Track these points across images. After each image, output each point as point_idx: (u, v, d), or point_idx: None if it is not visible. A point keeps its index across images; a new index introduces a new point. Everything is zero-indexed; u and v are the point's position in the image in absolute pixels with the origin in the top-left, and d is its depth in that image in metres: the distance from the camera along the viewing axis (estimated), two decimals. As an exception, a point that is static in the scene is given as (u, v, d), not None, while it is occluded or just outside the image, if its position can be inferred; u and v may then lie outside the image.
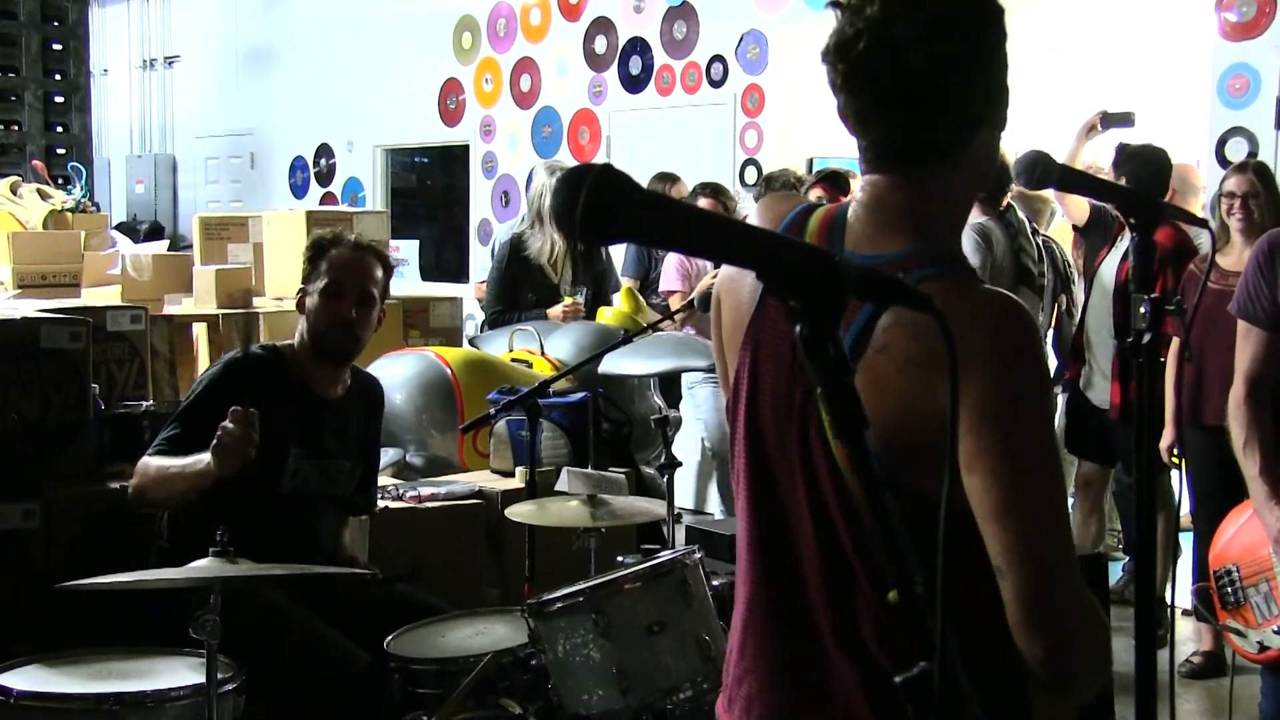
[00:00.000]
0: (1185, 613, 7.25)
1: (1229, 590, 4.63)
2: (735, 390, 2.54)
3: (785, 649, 2.52)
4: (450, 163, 15.39)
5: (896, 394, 2.27)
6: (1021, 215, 7.91)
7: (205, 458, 4.42)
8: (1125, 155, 7.76)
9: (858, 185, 9.01)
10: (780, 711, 2.53)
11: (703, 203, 9.17)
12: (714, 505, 9.70)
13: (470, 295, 11.10)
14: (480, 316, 9.10)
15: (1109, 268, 7.54)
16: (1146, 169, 7.59)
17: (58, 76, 18.08)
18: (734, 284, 2.58)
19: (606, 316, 8.36)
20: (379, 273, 5.15)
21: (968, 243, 8.42)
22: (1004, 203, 8.17)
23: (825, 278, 1.88)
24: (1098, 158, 9.71)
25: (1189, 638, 7.31)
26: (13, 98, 17.69)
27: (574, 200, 1.82)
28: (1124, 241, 7.43)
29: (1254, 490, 4.50)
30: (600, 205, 1.83)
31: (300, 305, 5.14)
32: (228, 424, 4.38)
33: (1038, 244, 7.93)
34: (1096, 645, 2.32)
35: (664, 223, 1.96)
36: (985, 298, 2.31)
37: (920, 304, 1.88)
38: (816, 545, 2.41)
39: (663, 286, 9.32)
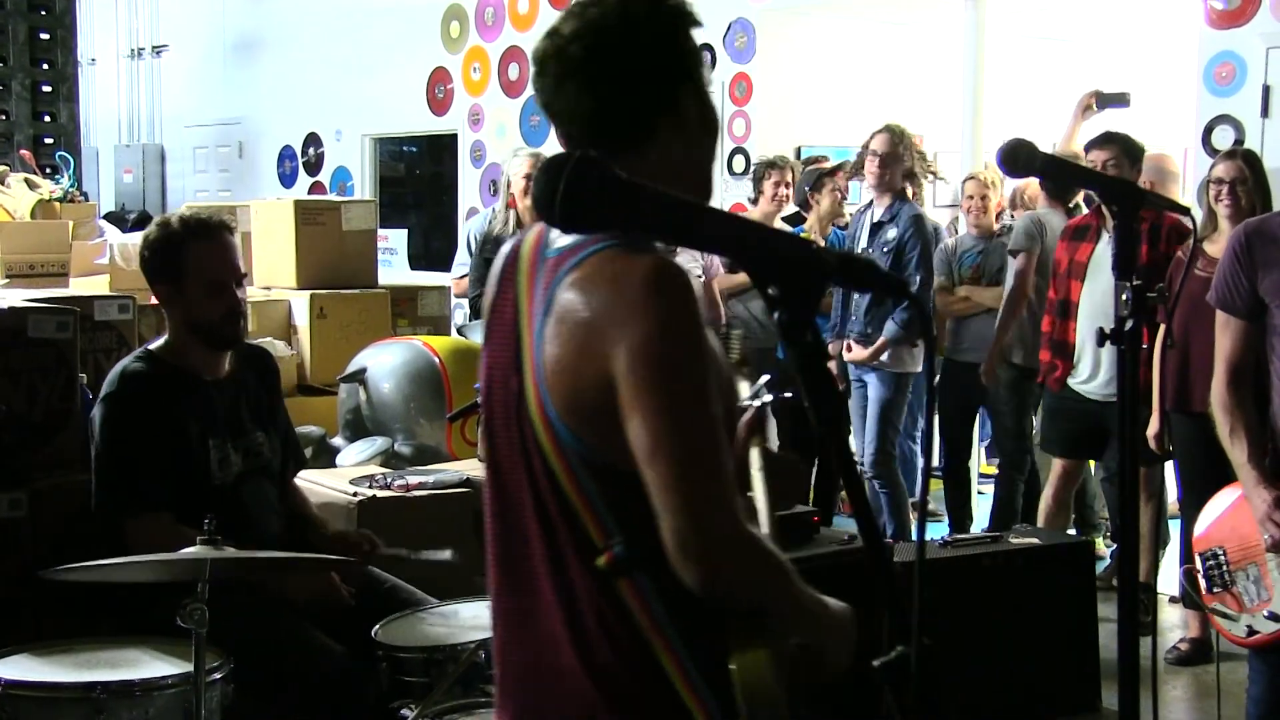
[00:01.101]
0: (1173, 600, 7.26)
1: (1215, 573, 4.63)
2: (484, 380, 2.70)
3: (519, 619, 2.66)
4: (438, 152, 15.39)
5: (569, 359, 2.43)
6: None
7: None
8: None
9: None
10: (516, 675, 2.69)
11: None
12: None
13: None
14: (467, 305, 9.10)
15: (1105, 260, 7.50)
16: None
17: (45, 65, 18.04)
18: (488, 285, 2.76)
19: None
20: (238, 243, 5.13)
21: (1020, 229, 8.44)
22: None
23: (807, 263, 1.89)
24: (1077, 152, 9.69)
25: (1176, 625, 7.30)
26: (2, 86, 17.67)
27: (553, 188, 1.83)
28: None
29: (1243, 476, 4.51)
30: (579, 193, 1.84)
31: (164, 299, 5.04)
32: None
33: None
34: (752, 571, 2.42)
35: (643, 211, 1.97)
36: (640, 262, 2.40)
37: (894, 286, 1.91)
38: (537, 520, 2.55)
39: None
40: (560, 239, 2.53)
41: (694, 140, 2.62)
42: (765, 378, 3.24)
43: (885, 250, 8.29)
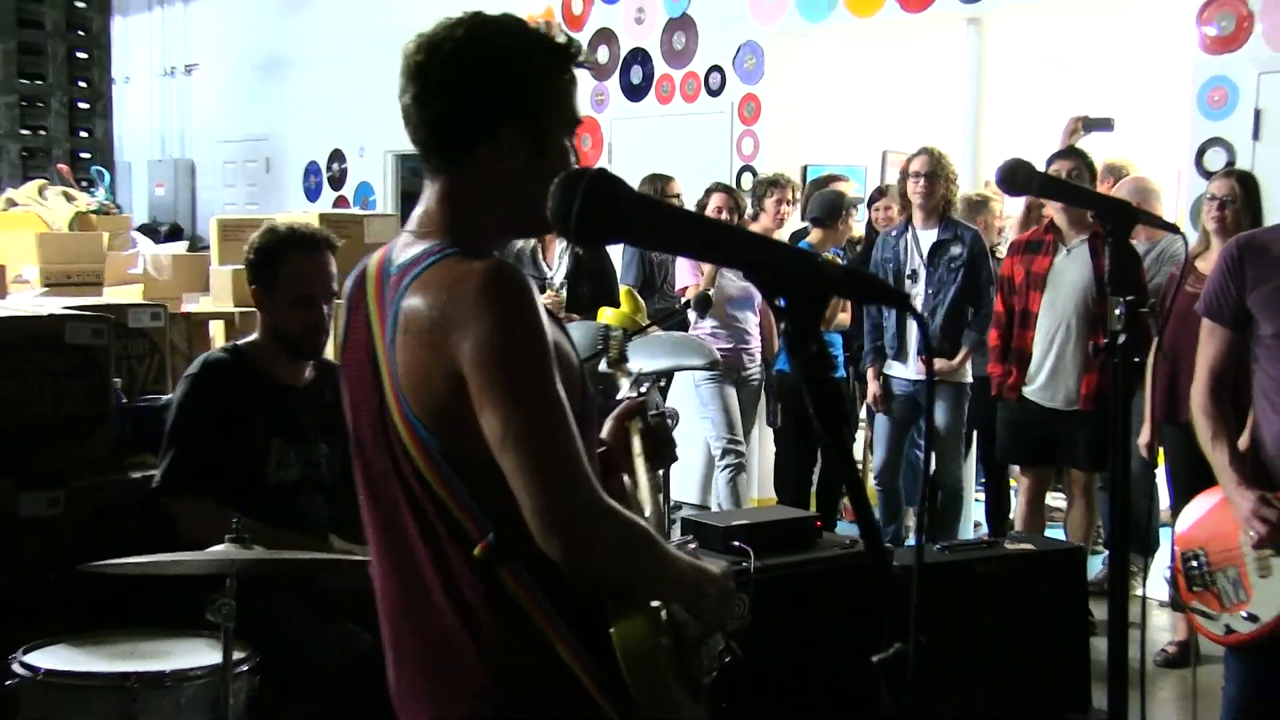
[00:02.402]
0: (1162, 604, 7.27)
1: (1196, 573, 4.64)
2: (346, 399, 2.81)
3: (406, 607, 2.72)
4: (457, 166, 15.36)
5: (420, 363, 2.50)
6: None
7: None
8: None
9: (850, 188, 9.03)
10: (409, 659, 2.74)
11: (715, 199, 9.28)
12: (714, 499, 9.67)
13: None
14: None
15: (1064, 272, 7.55)
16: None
17: (82, 84, 18.08)
18: (340, 307, 2.89)
19: (608, 316, 8.34)
20: (335, 264, 5.10)
21: None
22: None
23: (811, 276, 1.91)
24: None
25: (1166, 628, 7.31)
26: (40, 104, 17.67)
27: (570, 203, 1.86)
28: (1077, 245, 7.49)
29: (1224, 479, 4.53)
30: (595, 208, 1.87)
31: (258, 302, 5.08)
32: None
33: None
34: (615, 545, 2.50)
35: (656, 225, 2.00)
36: (476, 266, 2.50)
37: (892, 296, 1.93)
38: (414, 521, 2.61)
39: (678, 285, 9.35)
40: (400, 256, 2.64)
41: (524, 155, 2.65)
42: (640, 369, 3.34)
43: (953, 266, 8.28)
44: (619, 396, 3.29)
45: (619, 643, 2.50)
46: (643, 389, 3.30)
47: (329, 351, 5.25)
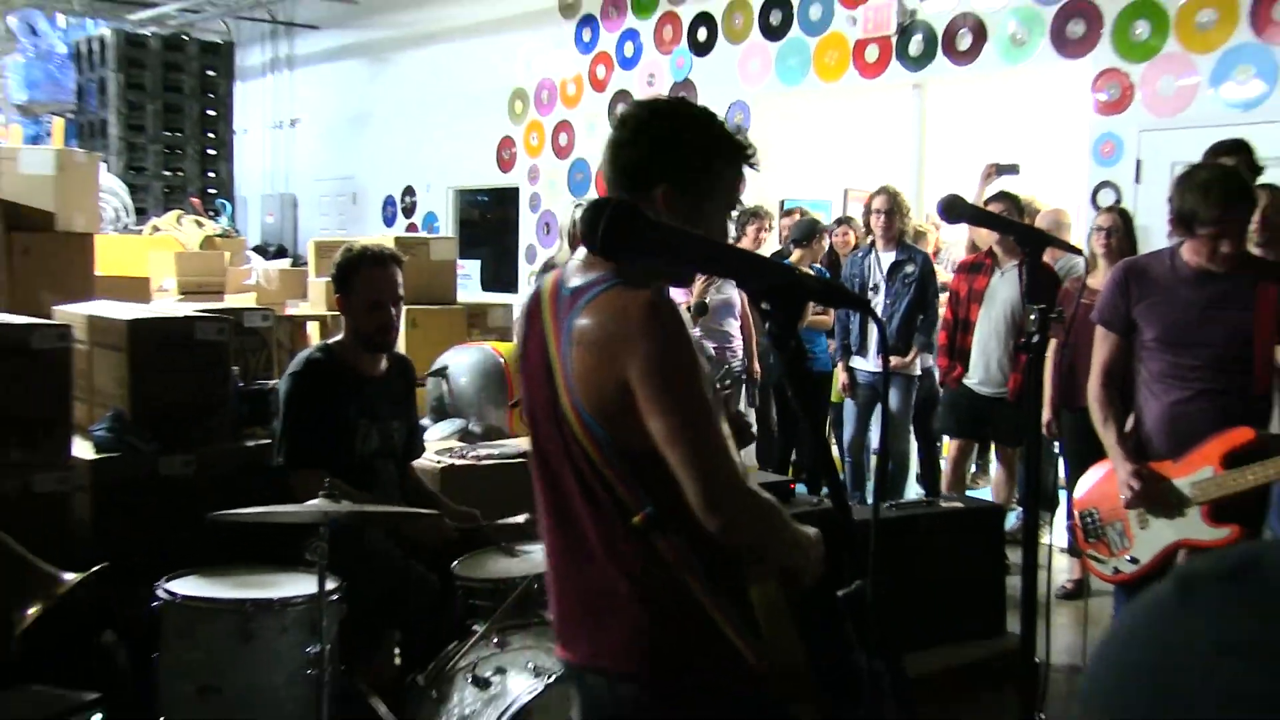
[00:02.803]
0: (1063, 550, 7.35)
1: (1091, 526, 4.68)
2: (524, 399, 2.83)
3: (576, 570, 2.73)
4: (504, 200, 15.41)
5: (592, 372, 2.50)
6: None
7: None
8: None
9: (819, 217, 8.98)
10: (578, 613, 2.76)
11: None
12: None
13: (519, 302, 11.13)
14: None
15: (998, 290, 7.65)
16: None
17: (210, 135, 18.13)
18: (517, 321, 2.93)
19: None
20: (401, 275, 5.14)
21: None
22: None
23: (792, 286, 1.91)
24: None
25: (1064, 570, 7.41)
26: (178, 151, 17.82)
27: (597, 223, 1.86)
28: (1010, 269, 7.55)
29: (1112, 454, 4.57)
30: (617, 227, 1.87)
31: (341, 307, 5.11)
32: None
33: None
34: (759, 518, 2.53)
35: (669, 243, 2.01)
36: (638, 297, 2.50)
37: (856, 302, 1.93)
38: (582, 496, 2.63)
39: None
40: (573, 280, 2.64)
41: (677, 213, 2.62)
42: (723, 372, 3.38)
43: (907, 282, 8.34)
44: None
45: (757, 600, 2.53)
46: (726, 384, 3.36)
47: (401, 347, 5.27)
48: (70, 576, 3.20)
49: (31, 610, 3.11)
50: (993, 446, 8.45)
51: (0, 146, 5.39)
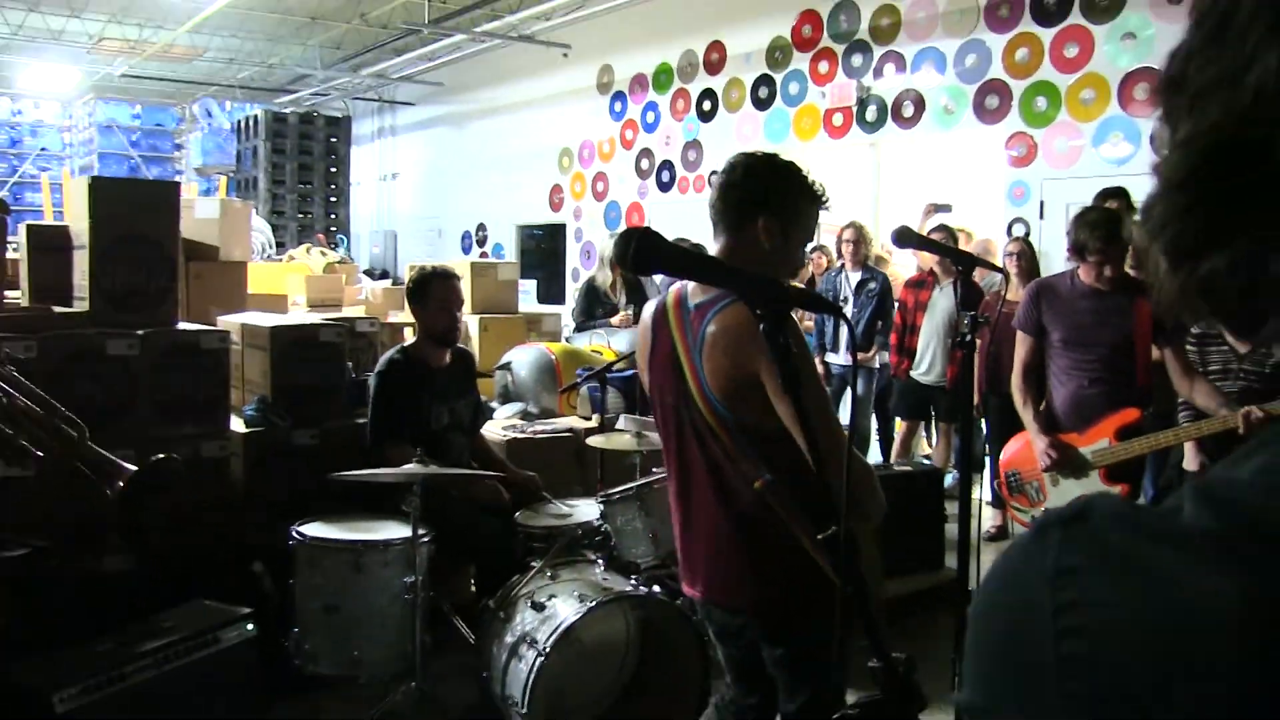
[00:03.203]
0: (988, 503, 7.30)
1: (1014, 484, 4.64)
2: (652, 385, 2.79)
3: (703, 531, 2.71)
4: (554, 234, 15.41)
5: (723, 367, 2.50)
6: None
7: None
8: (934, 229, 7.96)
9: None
10: (706, 563, 2.74)
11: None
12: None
13: (567, 313, 11.16)
14: (572, 325, 9.06)
15: (939, 301, 7.63)
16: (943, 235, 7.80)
17: (332, 186, 18.25)
18: (644, 326, 2.83)
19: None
20: (461, 287, 5.12)
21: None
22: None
23: (778, 296, 1.87)
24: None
25: (989, 518, 7.34)
26: (308, 198, 18.05)
27: (627, 246, 1.84)
28: (947, 285, 7.53)
29: (1030, 428, 4.54)
30: (643, 249, 1.85)
31: (416, 316, 5.08)
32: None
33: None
34: (863, 476, 2.50)
35: (681, 262, 1.97)
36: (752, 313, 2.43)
37: (831, 307, 1.91)
38: (705, 466, 2.63)
39: None
40: (694, 297, 2.67)
41: (773, 239, 2.63)
42: None
43: (870, 296, 8.21)
44: None
45: (864, 538, 2.49)
46: None
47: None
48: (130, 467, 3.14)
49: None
50: (934, 423, 8.39)
51: (183, 198, 5.38)
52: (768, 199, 2.63)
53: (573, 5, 13.88)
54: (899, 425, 8.28)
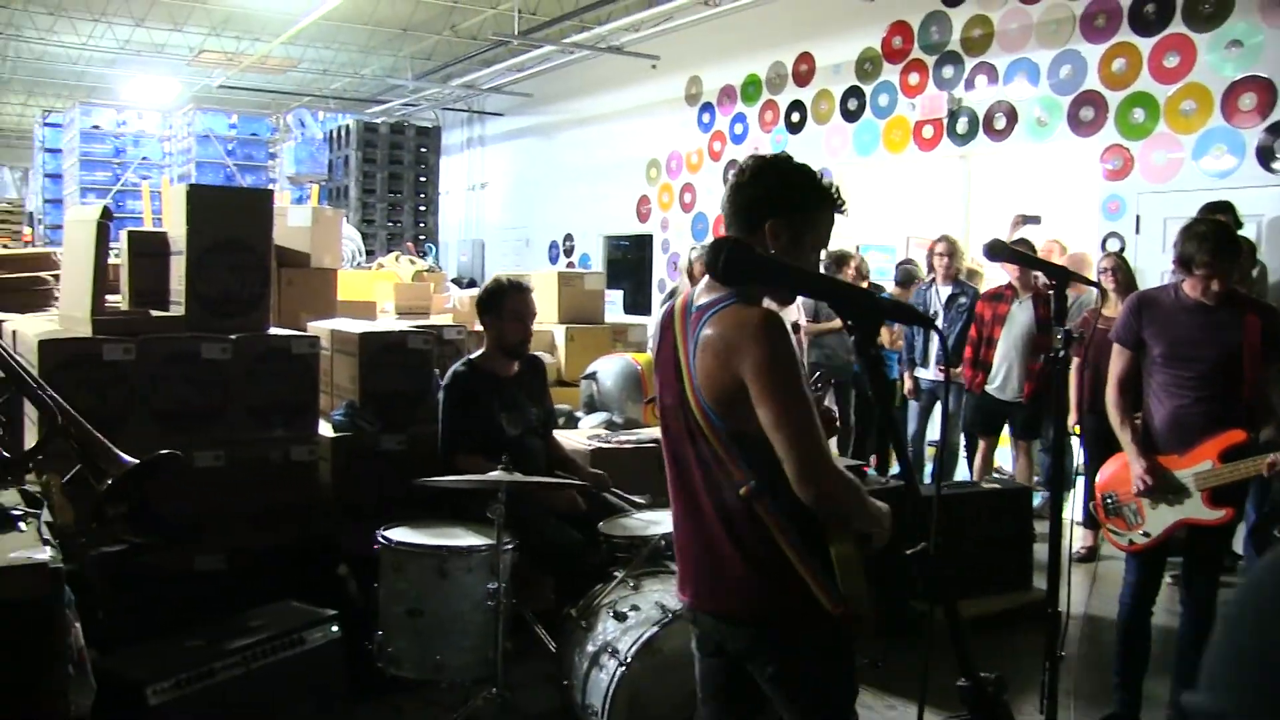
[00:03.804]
0: (1077, 523, 7.18)
1: (1110, 505, 4.54)
2: (658, 385, 2.74)
3: (693, 530, 2.66)
4: (641, 244, 15.43)
5: (713, 371, 2.45)
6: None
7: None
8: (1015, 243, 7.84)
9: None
10: (694, 565, 2.69)
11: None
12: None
13: (652, 324, 11.16)
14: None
15: (1016, 315, 7.50)
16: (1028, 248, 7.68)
17: (421, 195, 18.50)
18: (657, 326, 2.77)
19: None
20: (534, 299, 5.13)
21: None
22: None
23: (871, 306, 1.86)
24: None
25: (1079, 539, 7.22)
26: (397, 208, 18.28)
27: (717, 256, 1.84)
28: (1025, 299, 7.44)
29: (1128, 449, 4.44)
30: (733, 259, 1.84)
31: (486, 326, 5.08)
32: None
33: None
34: (844, 492, 2.40)
35: (775, 272, 1.97)
36: (751, 312, 2.43)
37: (922, 319, 1.87)
38: (699, 470, 2.58)
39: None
40: (698, 300, 2.59)
41: (781, 243, 2.56)
42: (815, 375, 3.32)
43: (960, 310, 8.14)
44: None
45: (836, 553, 2.45)
46: (818, 386, 3.32)
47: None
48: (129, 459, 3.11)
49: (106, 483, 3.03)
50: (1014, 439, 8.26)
51: (276, 206, 5.48)
52: (777, 201, 2.57)
53: (661, 17, 13.91)
54: (979, 441, 8.16)
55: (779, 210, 2.55)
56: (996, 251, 3.51)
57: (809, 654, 2.54)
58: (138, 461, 2.98)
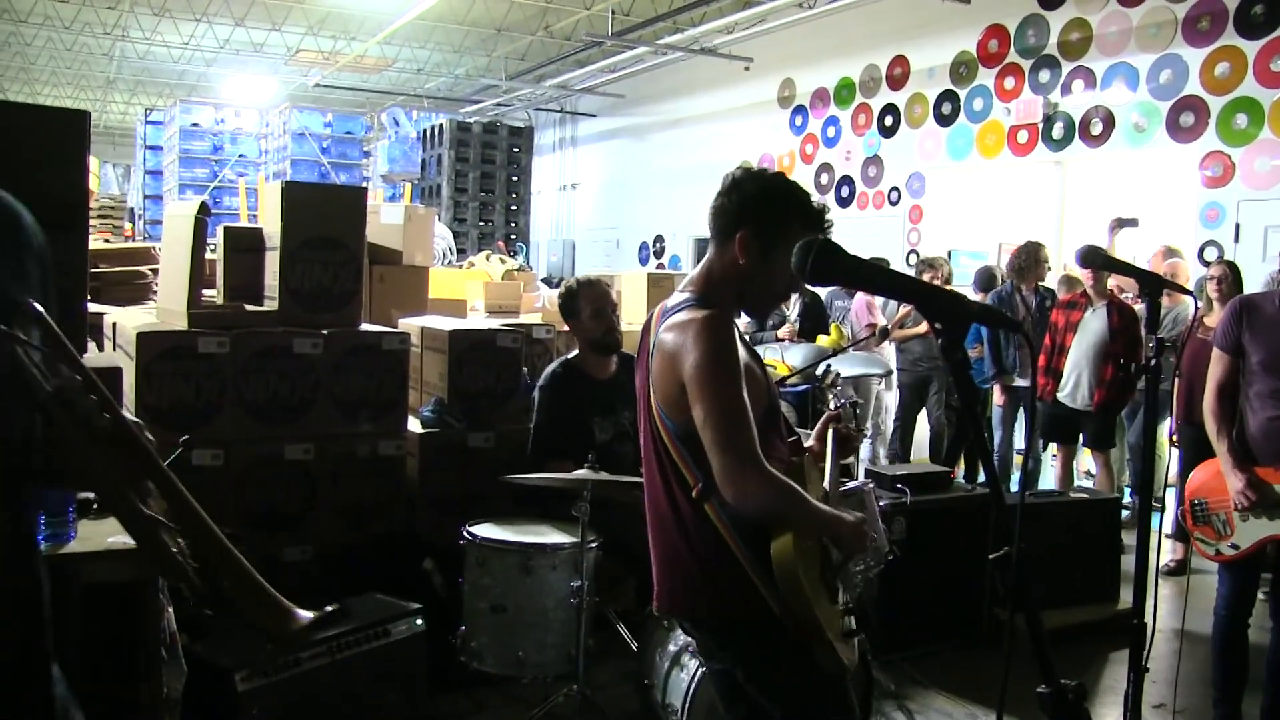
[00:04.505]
0: (1167, 535, 7.04)
1: (1200, 513, 4.45)
2: (638, 392, 2.77)
3: (657, 532, 2.69)
4: (731, 248, 15.40)
5: (663, 372, 2.51)
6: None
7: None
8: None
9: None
10: (658, 566, 2.72)
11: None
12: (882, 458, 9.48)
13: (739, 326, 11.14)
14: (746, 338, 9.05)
15: (1089, 323, 7.32)
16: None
17: (513, 195, 18.63)
18: (644, 326, 2.78)
19: (824, 340, 8.23)
20: (610, 291, 5.10)
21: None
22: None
23: (958, 309, 1.85)
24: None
25: (1168, 551, 7.07)
26: (489, 207, 18.44)
27: (806, 257, 1.85)
28: (1100, 307, 7.31)
29: (1223, 460, 4.34)
30: (821, 260, 1.85)
31: (573, 329, 5.06)
32: None
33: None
34: (771, 495, 2.38)
35: (862, 273, 1.97)
36: (701, 315, 2.49)
37: (1009, 323, 1.87)
38: (657, 466, 2.62)
39: (861, 323, 9.08)
40: (671, 300, 2.66)
41: (751, 257, 2.60)
42: (839, 390, 3.33)
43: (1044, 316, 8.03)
44: (832, 407, 3.28)
45: (773, 553, 2.44)
46: (842, 402, 3.31)
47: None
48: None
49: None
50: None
51: (370, 204, 5.57)
52: (750, 216, 2.58)
53: (755, 19, 13.89)
54: (1056, 449, 7.99)
55: (749, 222, 2.59)
56: (1092, 259, 3.46)
57: (775, 656, 2.55)
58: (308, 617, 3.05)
